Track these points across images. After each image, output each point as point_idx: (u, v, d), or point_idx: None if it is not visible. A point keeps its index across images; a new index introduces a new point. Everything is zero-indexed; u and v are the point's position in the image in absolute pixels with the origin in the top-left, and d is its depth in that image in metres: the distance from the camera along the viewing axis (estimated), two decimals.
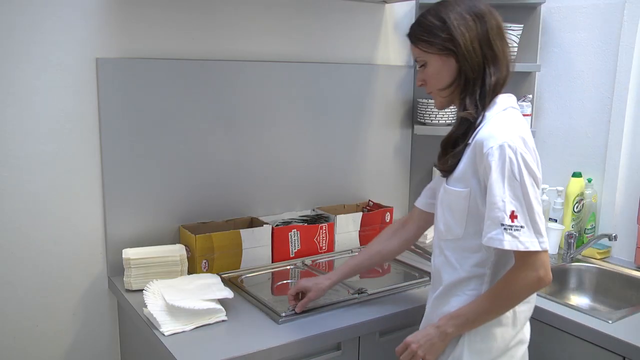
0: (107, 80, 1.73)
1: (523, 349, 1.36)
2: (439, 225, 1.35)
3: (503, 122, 1.24)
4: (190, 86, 1.88)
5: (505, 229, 1.16)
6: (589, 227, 2.16)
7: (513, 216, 1.16)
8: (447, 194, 1.30)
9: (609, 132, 2.10)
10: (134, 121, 1.79)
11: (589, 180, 2.16)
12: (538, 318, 1.67)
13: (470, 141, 1.26)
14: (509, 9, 2.25)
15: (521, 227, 1.16)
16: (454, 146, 1.30)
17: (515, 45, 2.20)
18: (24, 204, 1.68)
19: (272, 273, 1.90)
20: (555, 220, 2.15)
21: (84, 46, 1.70)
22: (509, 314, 1.29)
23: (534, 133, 2.29)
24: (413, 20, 1.31)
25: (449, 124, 2.26)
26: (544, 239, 1.19)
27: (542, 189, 2.15)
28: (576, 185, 2.13)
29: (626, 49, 2.02)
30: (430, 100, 2.22)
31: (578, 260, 2.06)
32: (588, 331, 1.54)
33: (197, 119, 1.91)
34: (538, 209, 1.19)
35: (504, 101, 1.29)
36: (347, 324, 1.54)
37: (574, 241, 2.06)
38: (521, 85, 2.33)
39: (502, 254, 1.26)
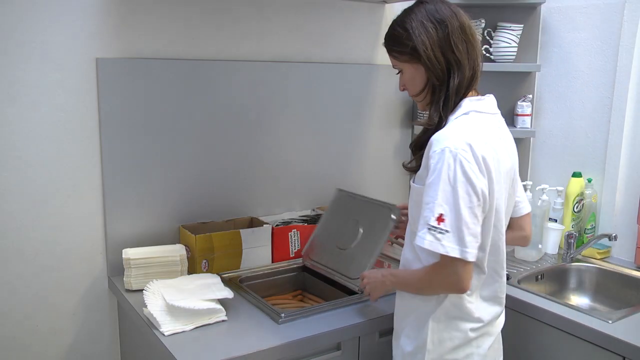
0: (107, 80, 1.73)
1: (489, 341, 1.36)
2: (410, 220, 1.39)
3: (455, 127, 1.25)
4: (190, 86, 1.88)
5: (429, 229, 1.19)
6: (589, 227, 2.16)
7: (440, 219, 1.18)
8: (412, 190, 1.34)
9: (609, 132, 2.10)
10: (133, 121, 1.79)
11: (589, 180, 2.16)
12: (538, 318, 1.67)
13: None
14: (509, 9, 2.25)
15: (446, 231, 1.18)
16: (420, 149, 1.33)
17: (515, 45, 2.21)
18: (24, 204, 1.68)
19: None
20: (555, 220, 2.15)
21: (84, 46, 1.70)
22: (470, 306, 1.31)
23: (534, 133, 2.29)
24: None
25: None
26: (468, 250, 1.18)
27: (542, 189, 2.15)
28: (576, 185, 2.13)
29: (626, 49, 2.02)
30: None
31: (578, 260, 2.06)
32: (588, 331, 1.54)
33: (197, 118, 1.91)
34: (468, 219, 1.18)
35: (469, 105, 1.29)
36: (347, 324, 1.54)
37: (574, 241, 2.06)
38: (521, 85, 2.33)
39: None
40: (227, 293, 1.57)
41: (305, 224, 2.06)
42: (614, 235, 1.94)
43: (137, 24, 1.77)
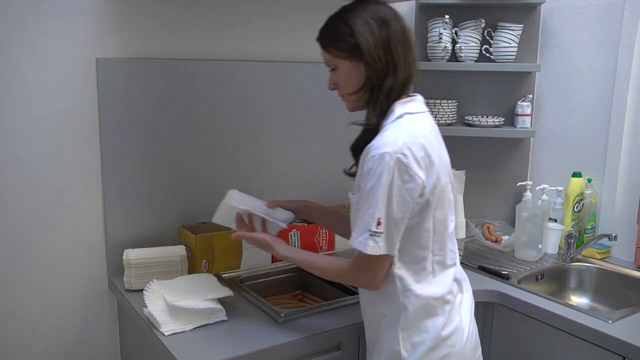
0: (107, 80, 1.73)
1: (464, 338, 1.35)
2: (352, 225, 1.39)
3: (391, 132, 1.25)
4: (190, 86, 1.88)
5: (371, 234, 1.22)
6: (589, 227, 2.16)
7: (379, 223, 1.22)
8: (352, 203, 1.34)
9: (609, 132, 2.10)
10: (133, 121, 1.79)
11: (589, 180, 2.16)
12: (538, 318, 1.67)
13: None
14: (509, 9, 2.26)
15: (381, 233, 1.22)
16: (361, 151, 1.32)
17: (515, 45, 2.21)
18: (24, 204, 1.68)
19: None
20: (555, 220, 2.16)
21: (84, 46, 1.70)
22: (435, 303, 1.31)
23: (534, 133, 2.29)
24: (413, 21, 1.32)
25: (448, 124, 2.26)
26: (394, 248, 1.25)
27: (542, 189, 2.15)
28: (576, 185, 2.13)
29: (626, 49, 2.02)
30: (429, 101, 2.22)
31: (578, 260, 2.06)
32: (588, 331, 1.54)
33: (197, 118, 1.91)
34: (400, 223, 1.24)
35: (400, 108, 1.29)
36: (347, 324, 1.54)
37: (574, 241, 2.06)
38: (521, 85, 2.33)
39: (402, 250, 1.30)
40: (227, 291, 1.57)
41: (305, 224, 2.06)
42: (614, 235, 1.94)
43: (137, 24, 1.77)
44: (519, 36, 2.21)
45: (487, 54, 2.24)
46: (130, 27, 1.76)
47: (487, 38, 2.24)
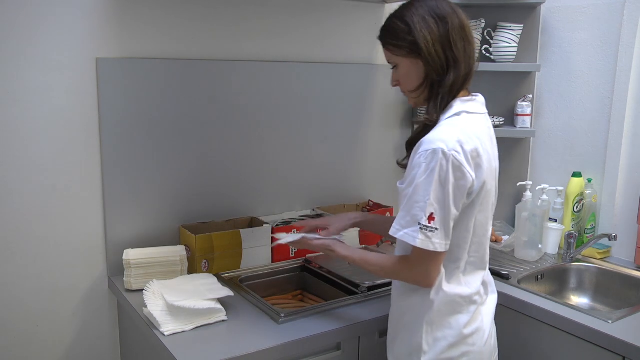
0: (107, 80, 1.73)
1: (484, 338, 1.36)
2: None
3: (446, 128, 1.26)
4: (190, 86, 1.88)
5: (421, 228, 1.22)
6: (589, 227, 2.16)
7: (431, 218, 1.22)
8: (400, 193, 1.35)
9: (609, 132, 2.10)
10: (134, 121, 1.79)
11: (589, 180, 2.16)
12: (538, 318, 1.67)
13: None
14: (509, 9, 2.25)
15: (436, 229, 1.22)
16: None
17: (515, 45, 2.21)
18: (24, 204, 1.68)
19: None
20: (555, 220, 2.16)
21: (84, 46, 1.70)
22: (462, 302, 1.33)
23: (534, 133, 2.29)
24: None
25: None
26: (448, 244, 1.25)
27: (542, 189, 2.15)
28: (576, 185, 2.13)
29: (626, 49, 2.02)
30: None
31: (578, 260, 2.06)
32: (588, 331, 1.54)
33: (197, 118, 1.91)
34: (454, 218, 1.25)
35: (460, 106, 1.30)
36: (347, 324, 1.54)
37: (574, 241, 2.06)
38: (521, 85, 2.33)
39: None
40: (227, 292, 1.57)
41: None
42: (614, 235, 1.94)
43: (137, 24, 1.77)
44: (519, 36, 2.21)
45: (487, 54, 2.24)
46: (130, 27, 1.76)
47: (487, 38, 2.24)
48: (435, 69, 1.28)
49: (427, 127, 1.31)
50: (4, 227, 1.66)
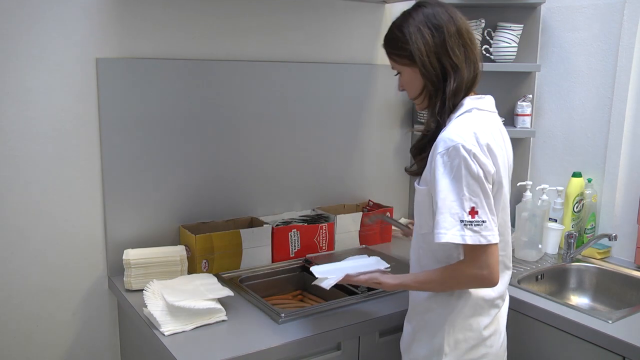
0: (107, 80, 1.73)
1: (500, 340, 1.38)
2: (415, 220, 1.41)
3: (459, 124, 1.26)
4: (190, 86, 1.88)
5: (465, 225, 1.19)
6: (589, 227, 2.16)
7: (473, 212, 1.20)
8: (416, 192, 1.35)
9: (609, 132, 2.10)
10: (133, 121, 1.80)
11: (589, 180, 2.16)
12: (538, 318, 1.67)
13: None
14: (509, 9, 2.25)
15: (483, 221, 1.20)
16: (421, 153, 1.35)
17: (515, 45, 2.21)
18: (24, 204, 1.68)
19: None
20: (555, 220, 2.15)
21: (84, 46, 1.70)
22: (484, 304, 1.33)
23: (534, 133, 2.29)
24: None
25: None
26: (497, 232, 1.23)
27: (542, 189, 2.15)
28: (576, 185, 2.13)
29: (626, 49, 2.02)
30: None
31: (578, 260, 2.06)
32: (588, 331, 1.54)
33: (197, 118, 1.91)
34: (493, 208, 1.24)
35: (470, 103, 1.31)
36: (347, 324, 1.54)
37: (574, 241, 2.06)
38: (521, 85, 2.33)
39: None
40: (227, 292, 1.57)
41: (305, 224, 2.06)
42: (614, 235, 1.94)
43: (137, 24, 1.77)
44: (519, 36, 2.20)
45: (487, 54, 2.24)
46: (130, 27, 1.76)
47: (487, 38, 2.24)
48: (430, 79, 1.29)
49: (426, 135, 1.33)
50: (4, 226, 1.66)
